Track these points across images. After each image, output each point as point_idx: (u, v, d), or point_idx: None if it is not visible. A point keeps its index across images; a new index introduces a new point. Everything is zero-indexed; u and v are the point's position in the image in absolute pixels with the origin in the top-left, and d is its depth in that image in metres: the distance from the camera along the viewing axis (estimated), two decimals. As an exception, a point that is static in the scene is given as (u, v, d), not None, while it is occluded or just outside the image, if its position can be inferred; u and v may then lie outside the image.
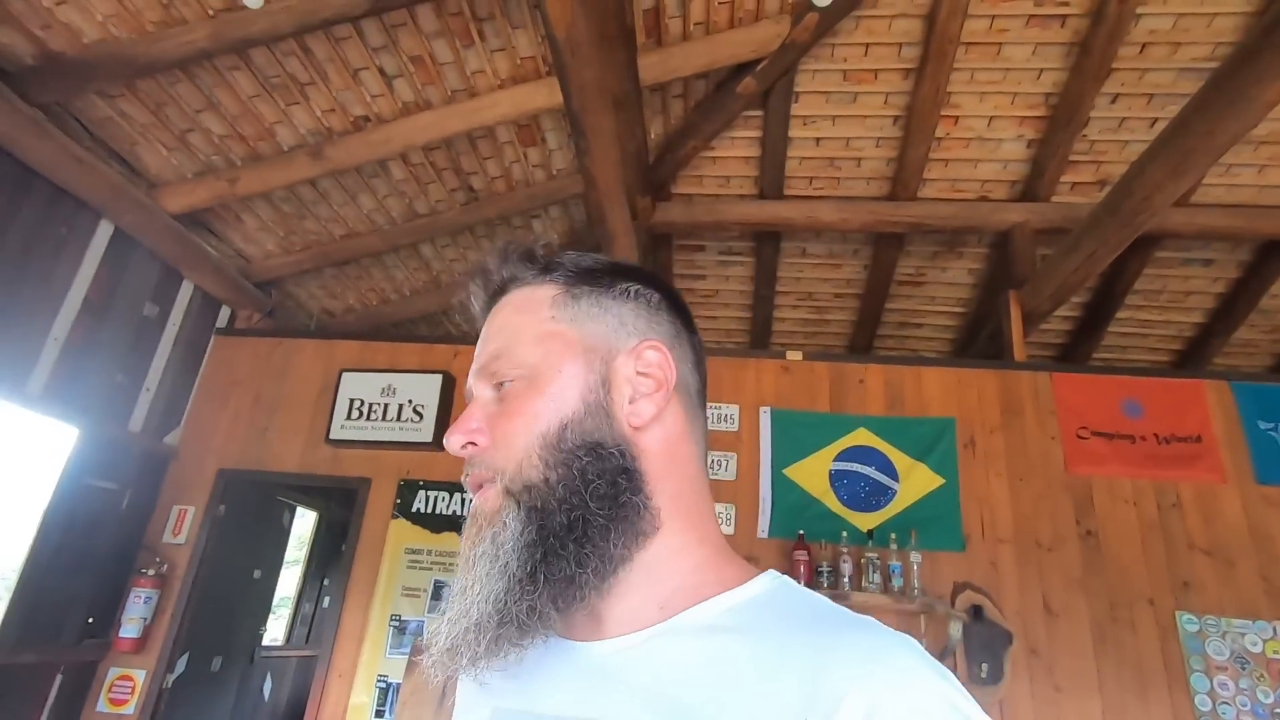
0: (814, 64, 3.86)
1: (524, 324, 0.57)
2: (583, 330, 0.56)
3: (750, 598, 0.50)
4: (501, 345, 0.57)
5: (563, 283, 0.59)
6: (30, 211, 2.98)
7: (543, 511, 0.51)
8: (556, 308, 0.57)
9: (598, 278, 0.59)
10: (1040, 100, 3.90)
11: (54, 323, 3.09)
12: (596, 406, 0.54)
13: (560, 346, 0.55)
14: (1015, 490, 3.33)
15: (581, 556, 0.49)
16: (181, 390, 3.82)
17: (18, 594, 2.94)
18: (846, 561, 3.09)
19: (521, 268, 0.60)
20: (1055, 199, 4.28)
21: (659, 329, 0.59)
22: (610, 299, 0.58)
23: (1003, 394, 3.52)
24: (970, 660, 2.99)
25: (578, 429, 0.52)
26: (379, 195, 4.16)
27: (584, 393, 0.54)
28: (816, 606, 0.49)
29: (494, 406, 0.56)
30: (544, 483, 0.51)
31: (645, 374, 0.56)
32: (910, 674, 0.41)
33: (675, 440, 0.56)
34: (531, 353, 0.55)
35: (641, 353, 0.56)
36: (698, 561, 0.53)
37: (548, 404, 0.53)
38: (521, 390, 0.54)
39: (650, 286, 0.61)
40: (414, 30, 3.21)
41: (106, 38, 2.86)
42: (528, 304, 0.58)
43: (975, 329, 5.02)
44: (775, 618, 0.48)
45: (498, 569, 0.50)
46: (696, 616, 0.49)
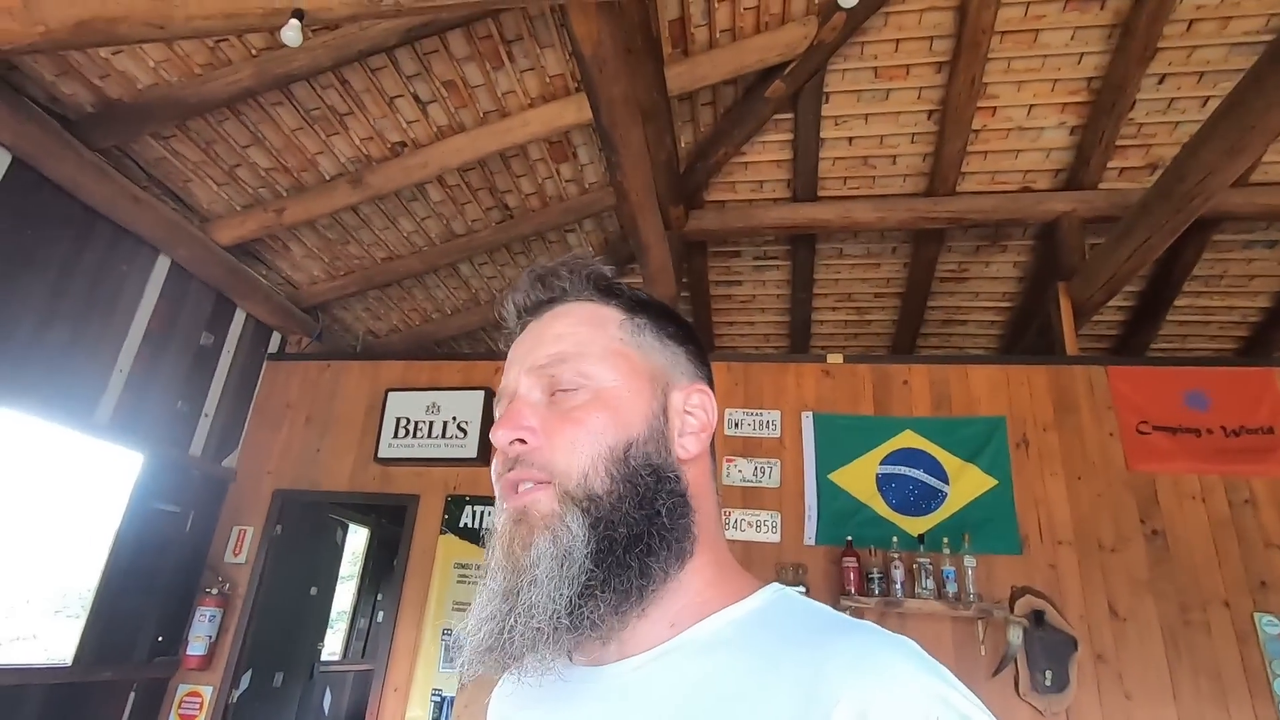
0: (843, 63, 3.82)
1: (592, 337, 0.58)
2: (647, 359, 0.59)
3: (751, 611, 0.52)
4: (565, 351, 0.57)
5: (624, 309, 0.61)
6: (94, 251, 3.14)
7: (608, 523, 0.52)
8: (625, 331, 0.59)
9: (656, 314, 0.62)
10: (1082, 85, 3.78)
11: (119, 355, 3.25)
12: (657, 432, 0.56)
13: (628, 368, 0.57)
14: (1073, 490, 3.20)
15: (645, 568, 0.51)
16: (237, 415, 3.97)
17: (93, 614, 3.08)
18: (898, 567, 3.02)
19: (585, 284, 0.62)
20: (1103, 186, 4.13)
21: (703, 375, 0.63)
22: (667, 337, 0.61)
23: (1055, 390, 3.40)
24: (1033, 668, 2.88)
25: (640, 450, 0.54)
26: (418, 218, 4.26)
27: (648, 417, 0.56)
28: (815, 615, 0.50)
29: (545, 409, 0.56)
30: (609, 495, 0.52)
31: (691, 413, 0.59)
32: (901, 673, 0.41)
33: (705, 477, 0.60)
34: (599, 366, 0.56)
35: (691, 393, 0.60)
36: (707, 580, 0.55)
37: (614, 420, 0.54)
38: (586, 401, 0.55)
39: (692, 339, 0.64)
40: (446, 56, 3.29)
41: (159, 82, 3.00)
42: (595, 319, 0.60)
43: (1023, 324, 4.87)
44: (775, 628, 0.49)
45: (567, 574, 0.50)
46: (700, 632, 0.51)
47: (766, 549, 3.30)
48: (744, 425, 3.56)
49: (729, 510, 3.38)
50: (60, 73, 2.83)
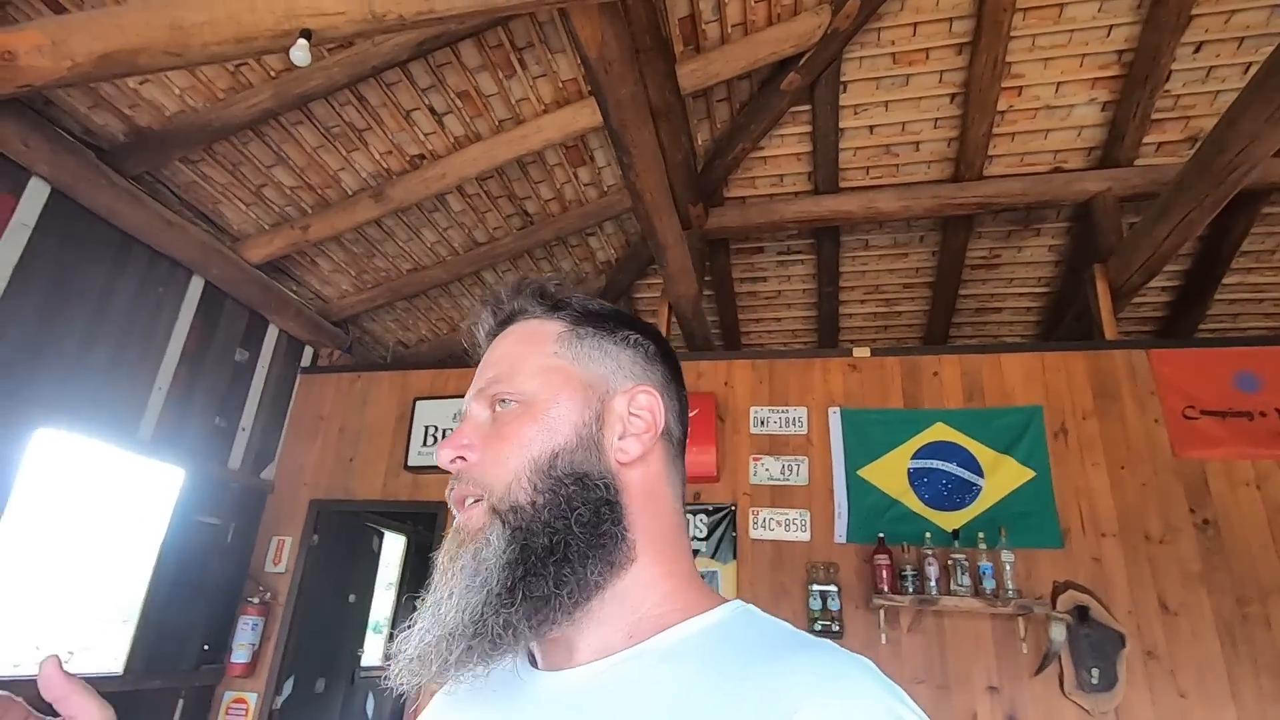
0: (860, 51, 3.74)
1: (527, 354, 0.60)
2: (584, 369, 0.59)
3: (712, 624, 0.52)
4: (502, 371, 0.59)
5: (569, 321, 0.62)
6: (132, 274, 3.26)
7: (526, 532, 0.52)
8: (561, 344, 0.60)
9: (602, 321, 0.63)
10: (1112, 59, 3.64)
11: (158, 373, 3.37)
12: (588, 439, 0.56)
13: (560, 380, 0.58)
14: (1117, 479, 3.08)
15: (560, 578, 0.51)
16: (273, 428, 4.08)
17: (141, 624, 3.19)
18: (932, 564, 2.94)
19: (532, 302, 0.63)
20: (1139, 162, 3.97)
21: (653, 377, 0.62)
22: (612, 344, 0.61)
23: (1094, 376, 3.28)
24: (1078, 665, 2.78)
25: (568, 458, 0.55)
26: (440, 228, 4.32)
27: (578, 425, 0.56)
28: (776, 632, 0.50)
29: (487, 427, 0.58)
30: (530, 505, 0.53)
31: (637, 415, 0.59)
32: (859, 689, 0.42)
33: (655, 480, 0.59)
34: (531, 382, 0.58)
35: (635, 395, 0.59)
36: (665, 592, 0.54)
37: (541, 431, 0.55)
38: (517, 415, 0.56)
39: (648, 338, 0.64)
40: (458, 67, 3.33)
41: (185, 109, 3.10)
42: (533, 336, 0.61)
43: (1061, 310, 4.71)
44: (736, 642, 0.49)
45: (477, 583, 0.51)
46: (660, 643, 0.51)
47: (796, 548, 3.25)
48: (770, 423, 3.51)
49: (756, 509, 3.34)
50: (92, 105, 2.95)
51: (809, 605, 3.07)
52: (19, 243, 2.78)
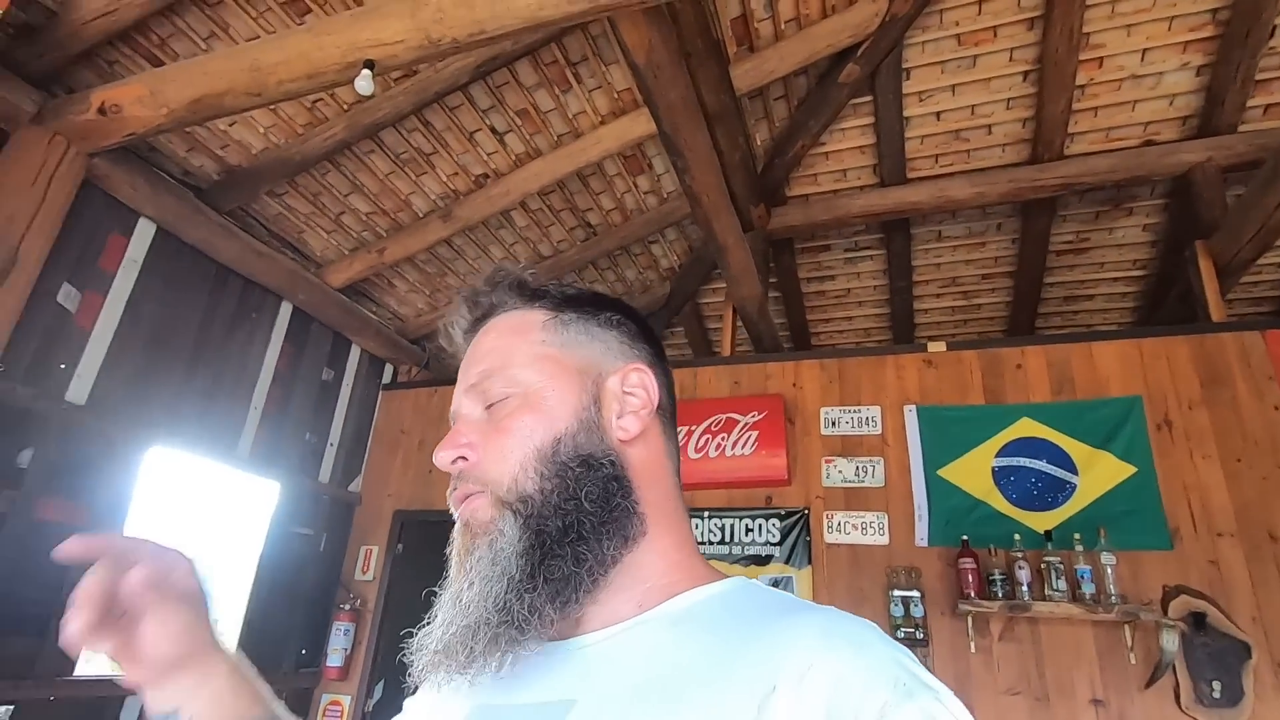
0: (921, 35, 3.61)
1: (516, 345, 0.60)
2: (574, 354, 0.60)
3: (719, 593, 0.53)
4: (493, 365, 0.59)
5: (550, 308, 0.62)
6: (228, 303, 3.52)
7: (539, 518, 0.53)
8: (547, 331, 0.61)
9: (582, 305, 0.63)
10: (1206, 19, 3.37)
11: (253, 394, 3.60)
12: (588, 422, 0.57)
13: (552, 367, 0.58)
14: (1232, 474, 2.81)
15: (578, 555, 0.52)
16: (359, 442, 4.29)
17: (244, 630, 3.41)
18: (1023, 568, 2.76)
19: (510, 294, 0.64)
20: (1243, 128, 3.64)
21: (640, 354, 0.63)
22: (596, 325, 0.62)
23: (1200, 362, 3.01)
24: (1196, 678, 2.54)
25: (570, 443, 0.55)
26: (506, 244, 4.45)
27: (576, 409, 0.57)
28: (780, 598, 0.52)
29: (484, 423, 0.58)
30: (539, 493, 0.54)
31: (631, 393, 0.60)
32: (868, 644, 0.44)
33: (655, 455, 0.60)
34: (524, 372, 0.58)
35: (628, 374, 0.61)
36: (672, 562, 0.56)
37: (541, 419, 0.56)
38: (515, 407, 0.57)
39: (628, 317, 0.65)
40: (516, 86, 3.43)
41: (269, 145, 3.33)
42: (519, 327, 0.61)
43: (1161, 293, 4.36)
44: (743, 608, 0.51)
45: (497, 573, 0.52)
46: (669, 609, 0.52)
47: (875, 552, 3.13)
48: (841, 423, 3.41)
49: (830, 513, 3.24)
50: (189, 148, 3.21)
51: (890, 611, 2.95)
52: (130, 278, 3.05)
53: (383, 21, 2.20)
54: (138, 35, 2.73)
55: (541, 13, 2.03)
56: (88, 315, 2.89)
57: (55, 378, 2.74)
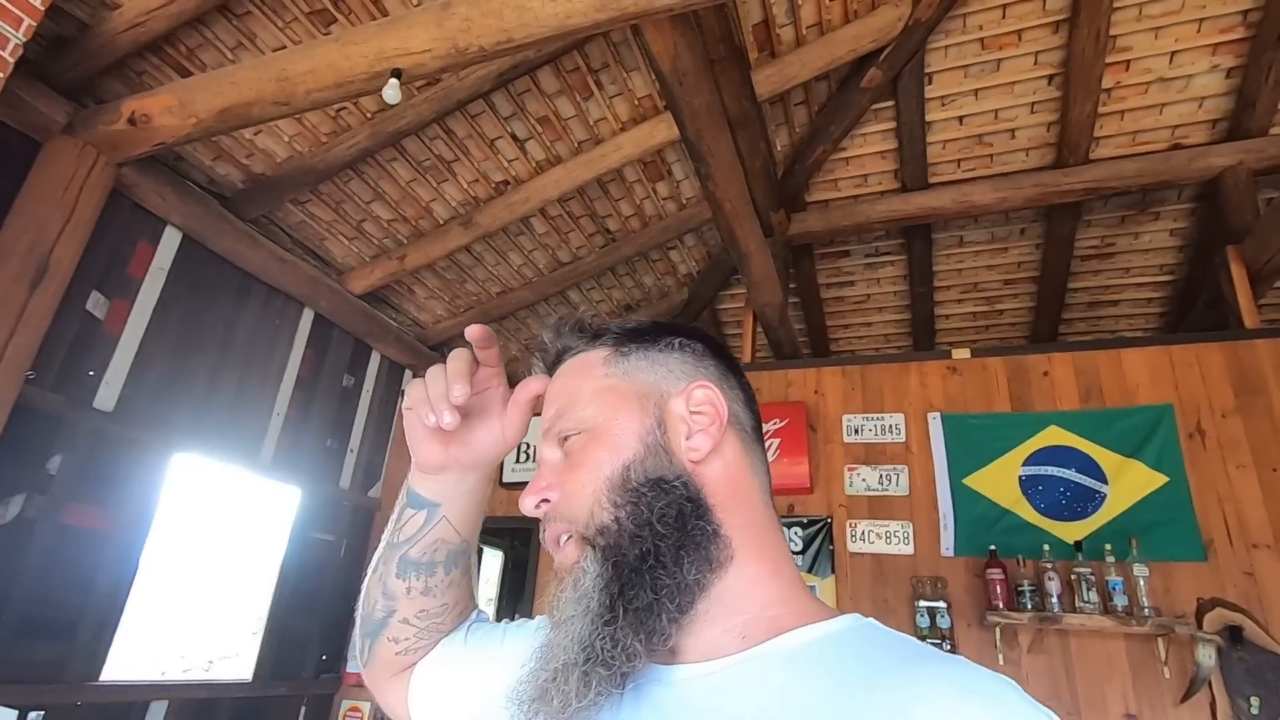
0: (944, 40, 3.59)
1: (580, 385, 0.61)
2: (634, 380, 0.60)
3: (834, 632, 0.49)
4: (561, 406, 0.60)
5: (612, 344, 0.63)
6: (251, 310, 3.55)
7: (616, 549, 0.52)
8: (608, 365, 0.61)
9: (643, 336, 0.64)
10: (1237, 20, 3.32)
11: (275, 400, 3.63)
12: (655, 446, 0.56)
13: (614, 398, 0.59)
14: (1269, 483, 2.75)
15: (656, 583, 0.50)
16: (378, 449, 4.30)
17: (267, 634, 3.42)
18: (1052, 579, 2.72)
19: (574, 338, 0.65)
20: (1275, 131, 3.58)
21: (705, 372, 0.62)
22: (657, 351, 0.62)
23: (1233, 369, 2.95)
24: (1233, 693, 2.48)
25: (640, 469, 0.55)
26: (526, 251, 4.46)
27: (642, 435, 0.57)
28: (904, 644, 0.48)
29: (561, 465, 0.59)
30: (614, 522, 0.53)
31: (698, 411, 0.58)
32: (1009, 703, 0.39)
33: (736, 472, 0.58)
34: (588, 408, 0.59)
35: (692, 392, 0.59)
36: (775, 595, 0.53)
37: (608, 450, 0.56)
38: (584, 443, 0.57)
39: (693, 338, 0.64)
40: (537, 94, 3.44)
41: (294, 154, 3.36)
42: (582, 367, 0.63)
43: (1189, 299, 4.29)
44: (860, 652, 0.47)
45: (580, 610, 0.51)
46: (778, 646, 0.49)
47: (900, 562, 3.09)
48: (864, 431, 3.38)
49: (854, 521, 3.21)
50: (215, 157, 3.24)
51: (916, 623, 2.91)
52: (157, 286, 3.08)
53: (410, 31, 2.21)
54: (166, 46, 2.76)
55: (569, 21, 2.03)
56: (116, 322, 2.92)
57: (84, 384, 2.77)
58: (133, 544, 2.87)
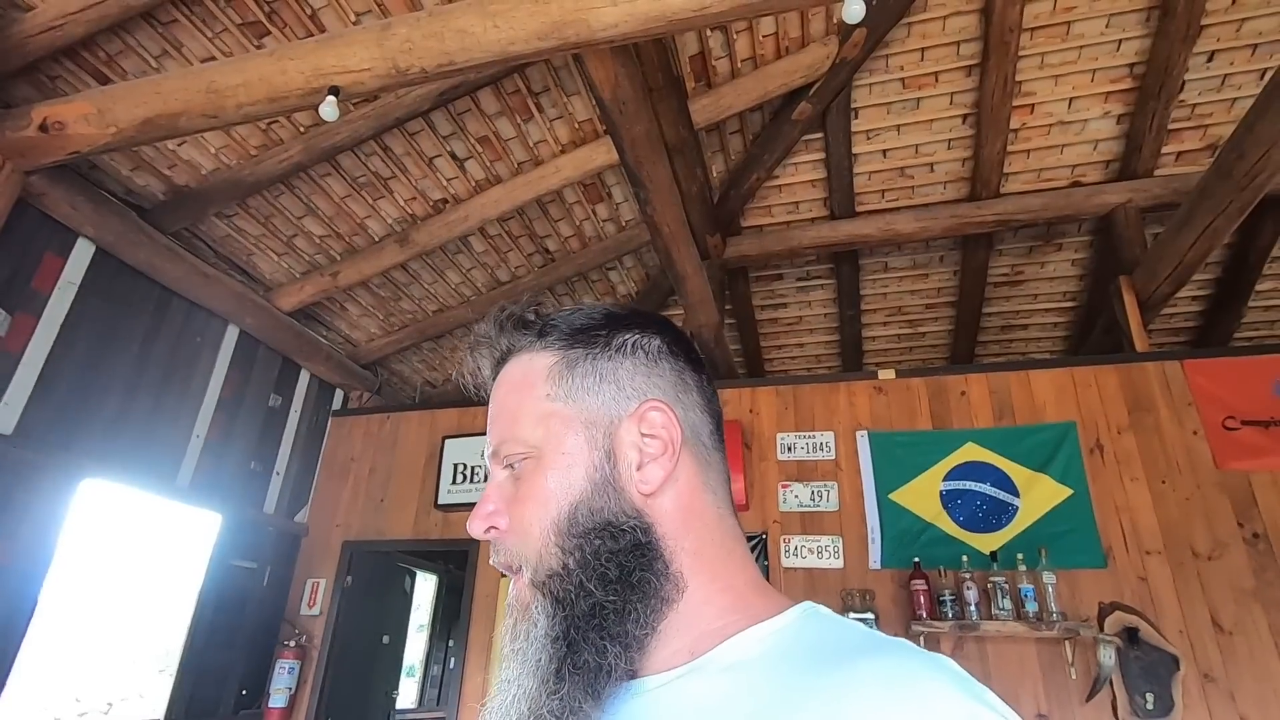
0: (869, 78, 3.80)
1: (522, 403, 0.56)
2: (581, 405, 0.55)
3: (776, 630, 0.48)
4: (504, 427, 0.57)
5: (559, 348, 0.57)
6: (171, 326, 3.38)
7: (565, 602, 0.50)
8: (552, 382, 0.56)
9: (593, 338, 0.57)
10: (1124, 72, 3.65)
11: (195, 421, 3.46)
12: (603, 482, 0.53)
13: (559, 427, 0.54)
14: (1158, 494, 3.00)
15: (601, 646, 0.48)
16: (306, 471, 4.15)
17: (181, 671, 3.23)
18: (970, 588, 2.87)
19: (518, 335, 0.59)
20: (1159, 173, 3.95)
21: (660, 381, 0.57)
22: (606, 361, 0.56)
23: (1127, 390, 3.22)
24: (1131, 690, 2.67)
25: (587, 509, 0.52)
26: (464, 269, 4.42)
27: (589, 470, 0.53)
28: (844, 634, 0.46)
29: (509, 487, 0.55)
30: (563, 569, 0.51)
31: (650, 435, 0.54)
32: (939, 701, 0.37)
33: (690, 496, 0.55)
34: (533, 434, 0.54)
35: (644, 415, 0.55)
36: (723, 606, 0.51)
37: (555, 487, 0.52)
38: (530, 471, 0.54)
39: (650, 332, 0.59)
40: (478, 114, 3.45)
41: (220, 166, 3.24)
42: (524, 380, 0.57)
43: (1089, 323, 4.64)
44: (801, 650, 0.46)
45: (530, 667, 0.50)
46: (721, 654, 0.48)
47: (830, 575, 3.20)
48: (797, 449, 3.49)
49: (788, 537, 3.30)
50: (134, 167, 3.10)
51: (846, 634, 3.00)
52: (66, 301, 2.91)
53: (349, 49, 2.19)
54: (84, 51, 2.64)
55: (511, 48, 2.06)
56: (18, 339, 2.74)
57: (-20, 406, 2.58)
58: (31, 576, 2.67)
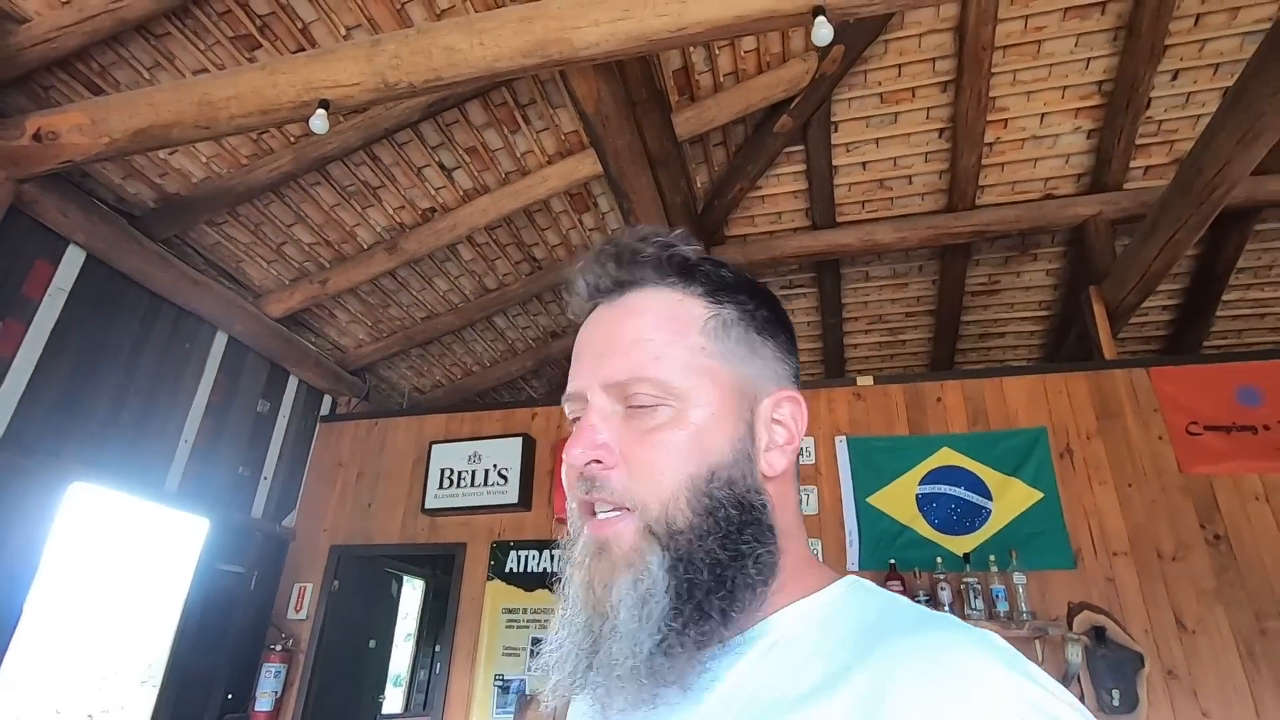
0: (848, 92, 3.91)
1: (672, 346, 0.52)
2: (734, 371, 0.53)
3: (822, 604, 0.49)
4: (644, 366, 0.51)
5: (708, 297, 0.54)
6: (160, 332, 3.42)
7: (688, 563, 0.47)
8: (707, 336, 0.53)
9: (743, 300, 0.55)
10: (1093, 89, 3.78)
11: (184, 426, 3.49)
12: (743, 455, 0.51)
13: (712, 385, 0.51)
14: (1125, 498, 3.09)
15: (725, 613, 0.47)
16: (294, 476, 4.18)
17: (168, 675, 3.25)
18: (944, 589, 2.95)
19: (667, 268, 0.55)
20: (1128, 186, 4.07)
21: (788, 370, 0.56)
22: (756, 334, 0.55)
23: (1095, 396, 3.32)
24: (1098, 687, 2.76)
25: (724, 477, 0.49)
26: (452, 277, 4.48)
27: (733, 439, 0.51)
28: (889, 608, 0.46)
29: (620, 423, 0.51)
30: (689, 530, 0.48)
31: (780, 423, 0.53)
32: (982, 676, 0.37)
33: (789, 487, 0.55)
34: (683, 384, 0.50)
35: (782, 401, 0.54)
36: (780, 583, 0.51)
37: (697, 445, 0.49)
38: (668, 422, 0.50)
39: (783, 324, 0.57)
40: (466, 125, 3.52)
41: (210, 175, 3.30)
42: (674, 319, 0.53)
43: (1064, 332, 4.76)
44: (846, 624, 0.46)
45: (646, 621, 0.46)
46: (769, 627, 0.48)
47: (810, 577, 3.27)
48: (778, 454, 3.56)
49: (768, 540, 3.37)
50: (125, 175, 3.15)
51: (824, 635, 3.07)
52: (56, 307, 2.95)
53: (339, 64, 2.26)
54: (78, 63, 2.69)
55: (497, 64, 2.14)
56: (8, 344, 2.77)
57: (-30, 410, 2.61)
58: (18, 582, 2.69)
